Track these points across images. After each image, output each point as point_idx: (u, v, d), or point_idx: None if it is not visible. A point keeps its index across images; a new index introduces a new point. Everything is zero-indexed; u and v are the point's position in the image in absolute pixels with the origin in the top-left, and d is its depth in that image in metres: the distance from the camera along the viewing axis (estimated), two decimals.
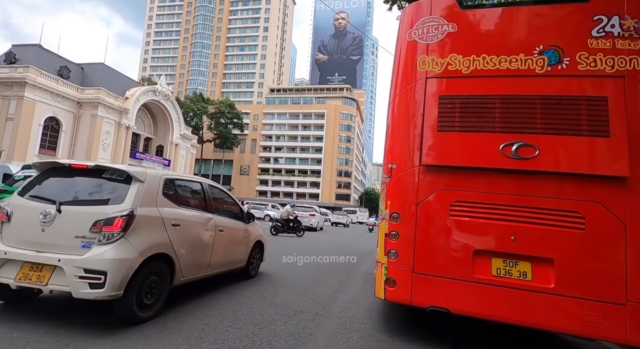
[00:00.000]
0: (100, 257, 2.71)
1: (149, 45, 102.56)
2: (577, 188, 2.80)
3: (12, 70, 30.85)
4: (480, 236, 3.00)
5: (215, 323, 3.11)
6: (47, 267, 2.75)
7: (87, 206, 3.00)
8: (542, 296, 2.75)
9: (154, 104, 43.59)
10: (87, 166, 3.22)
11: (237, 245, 4.86)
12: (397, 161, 3.30)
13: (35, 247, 2.83)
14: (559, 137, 2.85)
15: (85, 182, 3.25)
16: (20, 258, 2.81)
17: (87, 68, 39.59)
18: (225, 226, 4.42)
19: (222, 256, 4.37)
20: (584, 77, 2.87)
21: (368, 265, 7.69)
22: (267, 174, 75.57)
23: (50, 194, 3.08)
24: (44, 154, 32.35)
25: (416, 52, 3.33)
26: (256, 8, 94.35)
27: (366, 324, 3.56)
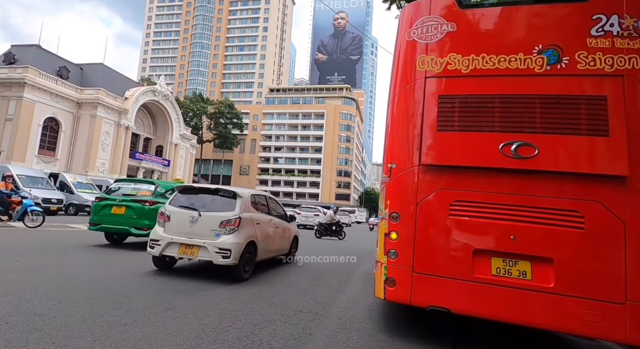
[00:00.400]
0: (227, 241, 4.69)
1: (148, 45, 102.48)
2: (576, 187, 2.80)
3: (11, 70, 30.81)
4: (479, 235, 3.00)
5: (215, 323, 3.11)
6: (195, 247, 4.74)
7: (215, 212, 4.94)
8: (542, 295, 2.75)
9: (153, 104, 43.56)
10: (210, 188, 5.39)
11: (285, 238, 6.82)
12: (396, 161, 3.29)
13: (187, 236, 4.82)
14: (558, 136, 2.84)
15: (210, 197, 5.26)
16: (179, 242, 4.81)
17: (87, 68, 39.55)
18: (279, 225, 6.40)
19: (277, 245, 6.35)
20: (583, 77, 2.87)
21: (368, 265, 7.68)
22: (267, 174, 75.57)
23: (191, 205, 5.07)
24: (43, 155, 32.32)
25: (415, 52, 3.33)
26: (255, 8, 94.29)
27: (366, 324, 3.56)
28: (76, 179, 19.83)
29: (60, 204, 16.60)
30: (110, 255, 6.40)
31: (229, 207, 4.99)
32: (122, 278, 4.56)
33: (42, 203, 15.46)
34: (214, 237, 4.73)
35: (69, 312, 3.05)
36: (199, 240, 4.73)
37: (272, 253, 6.22)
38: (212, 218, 4.84)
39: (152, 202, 7.17)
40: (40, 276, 4.29)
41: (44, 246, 6.83)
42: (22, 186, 17.64)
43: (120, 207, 7.23)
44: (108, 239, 7.82)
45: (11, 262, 4.90)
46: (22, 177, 16.00)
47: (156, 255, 4.92)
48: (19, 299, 3.30)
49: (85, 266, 5.20)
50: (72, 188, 18.38)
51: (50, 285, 3.87)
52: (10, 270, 4.43)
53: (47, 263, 5.11)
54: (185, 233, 4.83)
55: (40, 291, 3.60)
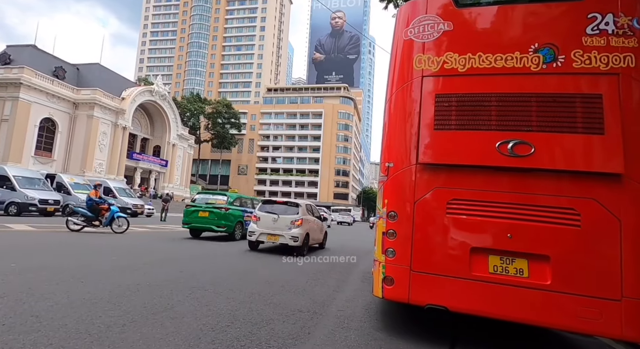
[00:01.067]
0: (296, 232, 7.91)
1: (145, 45, 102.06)
2: (572, 185, 2.81)
3: (6, 71, 30.63)
4: (477, 233, 3.01)
5: (213, 323, 3.11)
6: (277, 235, 7.98)
7: (288, 215, 8.13)
8: (539, 292, 2.77)
9: (150, 105, 43.42)
10: (282, 201, 8.99)
11: (321, 232, 10.18)
12: (394, 160, 3.30)
13: (271, 229, 8.04)
14: (554, 134, 2.86)
15: (283, 206, 8.55)
16: (267, 233, 8.11)
17: (83, 68, 39.37)
18: (317, 223, 9.66)
19: (317, 237, 9.58)
20: (579, 75, 2.88)
21: (366, 264, 7.70)
22: (265, 174, 75.52)
23: (273, 211, 8.31)
24: (39, 155, 32.16)
25: (412, 51, 3.34)
26: (252, 7, 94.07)
27: (364, 322, 3.57)
28: (73, 179, 19.73)
29: (57, 205, 16.51)
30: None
31: (295, 212, 8.34)
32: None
33: (39, 204, 15.42)
34: (288, 230, 8.02)
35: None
36: (279, 232, 8.08)
37: (315, 242, 9.49)
38: (286, 219, 8.16)
39: (227, 208, 10.43)
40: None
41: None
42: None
43: (205, 212, 10.46)
44: (192, 235, 11.07)
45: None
46: (19, 179, 15.90)
47: (253, 241, 8.41)
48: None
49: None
50: (69, 189, 18.29)
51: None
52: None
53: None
54: (270, 228, 8.15)
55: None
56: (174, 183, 47.52)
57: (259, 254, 8.18)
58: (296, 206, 8.51)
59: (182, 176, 50.58)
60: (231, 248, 8.89)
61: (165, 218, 19.25)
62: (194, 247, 8.75)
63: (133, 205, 20.94)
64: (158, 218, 20.16)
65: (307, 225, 8.47)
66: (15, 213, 14.81)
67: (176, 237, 10.68)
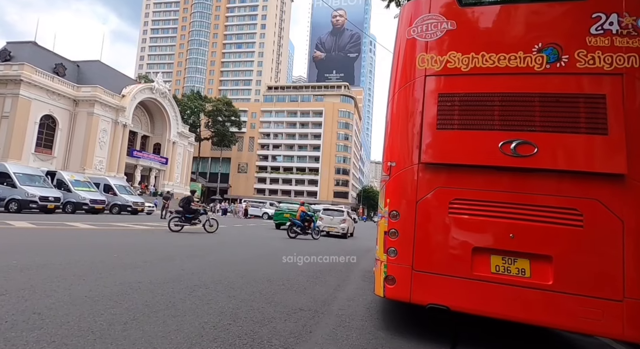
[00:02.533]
0: (344, 226, 15.94)
1: (145, 43, 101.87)
2: (575, 186, 2.81)
3: (6, 67, 30.57)
4: (479, 233, 3.02)
5: (215, 321, 3.11)
6: (333, 227, 15.86)
7: (338, 217, 16.33)
8: (541, 292, 2.77)
9: (150, 102, 43.37)
10: (334, 208, 18.04)
11: (352, 227, 18.08)
12: (396, 159, 3.30)
13: (330, 225, 15.95)
14: (557, 134, 2.86)
15: (335, 211, 17.10)
16: (327, 226, 15.89)
17: (83, 66, 39.29)
18: (351, 221, 17.88)
19: (351, 229, 17.43)
20: (583, 75, 2.87)
21: (367, 263, 7.71)
22: (265, 172, 75.50)
23: (329, 214, 16.58)
24: (40, 153, 32.15)
25: (415, 50, 3.33)
26: (253, 5, 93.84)
27: (366, 321, 3.58)
28: (73, 177, 19.74)
29: (57, 203, 16.53)
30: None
31: (341, 214, 16.25)
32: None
33: (39, 201, 15.43)
34: (339, 225, 15.63)
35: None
36: (335, 225, 15.66)
37: (350, 231, 16.40)
38: (337, 219, 15.87)
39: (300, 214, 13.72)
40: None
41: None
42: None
43: (287, 214, 16.47)
44: (276, 227, 18.21)
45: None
46: (19, 175, 15.91)
47: (321, 230, 14.36)
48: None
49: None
50: (69, 186, 18.30)
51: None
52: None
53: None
54: (329, 224, 15.66)
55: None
56: (174, 181, 47.53)
57: (262, 254, 8.19)
58: (342, 212, 16.73)
59: (182, 174, 50.58)
60: (233, 246, 8.89)
61: (165, 216, 19.27)
62: (194, 245, 8.76)
63: (133, 203, 21.02)
64: (158, 216, 20.17)
65: (348, 222, 16.30)
66: (16, 210, 14.82)
67: (175, 234, 10.69)
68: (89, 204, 17.98)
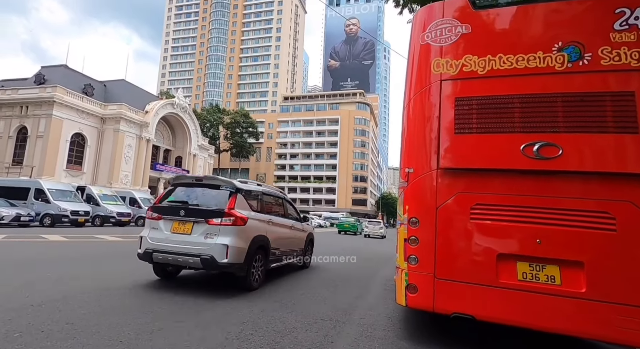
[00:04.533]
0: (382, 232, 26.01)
1: (166, 60, 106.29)
2: (605, 187, 2.68)
3: (41, 90, 32.65)
4: (503, 239, 2.92)
5: (237, 331, 3.14)
6: (376, 233, 25.24)
7: (377, 225, 26.78)
8: (573, 301, 2.63)
9: (172, 117, 44.95)
10: (374, 220, 34.05)
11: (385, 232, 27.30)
12: (414, 165, 3.26)
13: (372, 231, 25.66)
14: (583, 135, 2.75)
15: (375, 220, 31.62)
16: (369, 232, 25.40)
17: (109, 85, 41.40)
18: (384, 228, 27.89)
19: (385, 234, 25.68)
20: (608, 72, 2.77)
21: (387, 270, 7.57)
22: (283, 181, 76.12)
23: (371, 223, 27.70)
24: (71, 169, 33.84)
25: (430, 55, 3.31)
26: (268, 19, 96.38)
27: (388, 331, 3.51)
28: (102, 191, 20.60)
29: (87, 216, 17.27)
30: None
31: (379, 222, 28.22)
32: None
33: (71, 215, 16.16)
34: (378, 230, 25.22)
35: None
36: (376, 231, 25.10)
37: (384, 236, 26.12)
38: (377, 227, 25.69)
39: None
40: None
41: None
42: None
43: (347, 225, 28.08)
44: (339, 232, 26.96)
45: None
46: (53, 191, 16.77)
47: (364, 235, 25.64)
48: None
49: None
50: (98, 200, 19.10)
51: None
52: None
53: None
54: (372, 230, 25.19)
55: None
56: None
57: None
58: (380, 222, 27.10)
59: None
60: None
61: None
62: None
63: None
64: None
65: (383, 229, 25.57)
66: (50, 224, 15.60)
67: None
68: (116, 217, 18.68)
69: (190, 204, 4.83)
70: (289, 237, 6.34)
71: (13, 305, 3.45)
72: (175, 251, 4.53)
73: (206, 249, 4.42)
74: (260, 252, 5.08)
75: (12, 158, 32.65)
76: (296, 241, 6.79)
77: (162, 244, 4.63)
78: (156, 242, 4.68)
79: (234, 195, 4.84)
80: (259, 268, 5.05)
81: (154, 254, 4.62)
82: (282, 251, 5.94)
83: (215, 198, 4.87)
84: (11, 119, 33.16)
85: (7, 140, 32.92)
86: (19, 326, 2.91)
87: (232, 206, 4.70)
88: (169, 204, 4.97)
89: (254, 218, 5.01)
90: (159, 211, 4.90)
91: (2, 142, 32.81)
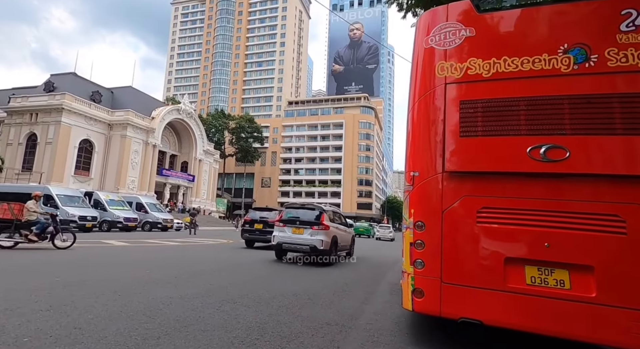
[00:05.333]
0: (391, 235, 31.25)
1: (172, 67, 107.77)
2: (615, 190, 2.64)
3: (50, 98, 33.27)
4: (511, 243, 2.89)
5: (243, 336, 3.13)
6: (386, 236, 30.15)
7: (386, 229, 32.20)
8: (583, 305, 2.59)
9: (178, 122, 45.42)
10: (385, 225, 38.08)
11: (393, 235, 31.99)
12: (419, 169, 3.25)
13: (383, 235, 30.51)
14: (591, 137, 2.72)
15: (385, 225, 37.52)
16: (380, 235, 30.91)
17: (117, 92, 42.03)
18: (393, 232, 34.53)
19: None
20: (615, 74, 2.74)
21: (393, 274, 7.52)
22: (288, 186, 76.24)
23: (382, 227, 33.70)
24: (79, 175, 34.30)
25: (434, 59, 3.32)
26: (272, 25, 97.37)
27: (395, 336, 3.47)
28: (109, 196, 20.81)
29: (94, 221, 17.45)
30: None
31: (388, 227, 33.79)
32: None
33: (79, 221, 16.36)
34: (388, 234, 30.08)
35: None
36: (386, 235, 29.83)
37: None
38: (386, 230, 31.18)
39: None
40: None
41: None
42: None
43: (362, 229, 31.82)
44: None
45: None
46: (61, 197, 16.99)
47: (376, 238, 29.92)
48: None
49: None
50: (105, 206, 19.31)
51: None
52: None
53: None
54: (382, 234, 30.23)
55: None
56: (200, 197, 48.99)
57: (286, 266, 8.21)
58: (389, 227, 33.51)
59: (208, 190, 52.08)
60: (259, 261, 9.01)
61: (195, 232, 19.81)
62: (222, 259, 8.93)
63: (163, 220, 21.83)
64: (187, 232, 20.77)
65: (393, 232, 31.30)
66: None
67: (202, 249, 10.94)
68: (123, 222, 18.85)
69: (301, 218, 8.85)
70: (344, 236, 10.12)
71: (23, 310, 3.49)
72: (295, 242, 8.66)
73: (312, 242, 8.45)
74: (334, 245, 9.00)
75: (22, 164, 33.23)
76: (347, 239, 10.59)
77: (286, 239, 8.76)
78: (283, 238, 8.80)
79: (323, 213, 8.85)
80: (334, 253, 9.04)
81: (283, 245, 8.80)
82: (341, 245, 9.75)
83: (313, 215, 8.93)
84: (21, 126, 33.80)
85: (18, 147, 33.53)
86: (28, 330, 2.93)
87: (323, 219, 8.67)
88: (289, 218, 9.03)
89: (331, 226, 8.96)
90: (284, 222, 8.99)
91: (13, 149, 33.43)
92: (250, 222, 12.44)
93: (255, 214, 12.76)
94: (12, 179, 29.89)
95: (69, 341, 2.77)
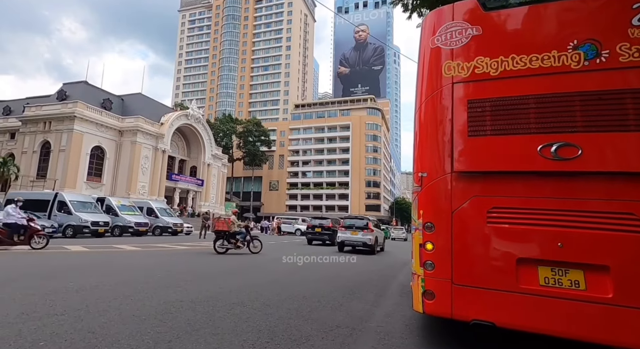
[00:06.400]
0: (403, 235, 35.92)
1: (180, 73, 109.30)
2: (629, 188, 2.58)
3: (63, 106, 34.06)
4: (522, 243, 2.84)
5: (254, 339, 3.14)
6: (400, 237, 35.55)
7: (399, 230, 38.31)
8: (599, 307, 2.52)
9: (186, 128, 45.99)
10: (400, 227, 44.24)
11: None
12: (427, 169, 3.23)
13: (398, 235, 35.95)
14: (603, 134, 2.66)
15: (398, 227, 44.18)
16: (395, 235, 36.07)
17: (127, 99, 42.82)
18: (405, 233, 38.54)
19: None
20: (628, 69, 2.68)
21: (403, 276, 7.45)
22: (296, 189, 76.34)
23: (396, 229, 38.90)
24: (91, 181, 34.96)
25: (440, 58, 3.29)
26: (278, 29, 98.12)
27: (406, 339, 3.43)
28: (120, 202, 21.16)
29: (106, 227, 17.74)
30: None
31: (402, 229, 38.93)
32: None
33: (91, 226, 16.65)
34: (401, 235, 35.63)
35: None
36: (400, 235, 35.51)
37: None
38: (400, 232, 36.72)
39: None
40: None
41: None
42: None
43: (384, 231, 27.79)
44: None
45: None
46: (74, 203, 17.34)
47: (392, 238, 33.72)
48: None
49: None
50: (116, 211, 19.62)
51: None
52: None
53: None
54: (396, 234, 35.94)
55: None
56: (209, 201, 49.41)
57: (294, 268, 8.21)
58: (402, 228, 39.50)
59: (217, 194, 52.51)
60: (270, 263, 9.03)
61: (205, 236, 19.96)
62: (231, 264, 8.97)
63: (173, 224, 22.08)
64: (197, 236, 20.95)
65: (404, 233, 35.19)
66: (71, 235, 16.09)
67: (213, 254, 11.01)
68: (134, 227, 19.13)
69: (356, 225, 14.08)
70: (380, 236, 15.67)
71: (39, 314, 3.56)
72: (352, 240, 13.83)
73: (363, 240, 13.65)
74: (376, 242, 14.06)
75: (37, 172, 34.03)
76: (381, 238, 16.14)
77: (347, 238, 13.92)
78: (345, 238, 13.96)
79: (369, 222, 14.11)
80: (376, 247, 14.26)
81: (345, 241, 13.90)
82: (378, 242, 14.72)
83: (363, 222, 14.19)
84: (36, 134, 34.67)
85: (32, 155, 34.38)
86: (43, 335, 2.99)
87: (370, 226, 13.90)
88: (348, 225, 14.26)
89: (375, 230, 14.22)
90: (345, 227, 14.23)
91: (27, 157, 34.28)
92: (312, 227, 18.66)
93: (315, 221, 19.11)
94: (27, 187, 30.65)
95: (84, 344, 2.82)
